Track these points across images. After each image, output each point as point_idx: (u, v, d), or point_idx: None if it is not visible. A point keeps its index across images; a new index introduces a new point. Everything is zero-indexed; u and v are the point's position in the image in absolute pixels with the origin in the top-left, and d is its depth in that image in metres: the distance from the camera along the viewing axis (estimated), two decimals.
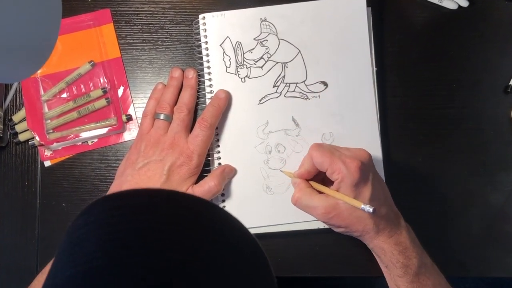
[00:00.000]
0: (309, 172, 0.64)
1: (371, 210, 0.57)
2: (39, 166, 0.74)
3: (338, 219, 0.61)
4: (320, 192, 0.63)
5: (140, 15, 0.75)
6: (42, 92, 0.73)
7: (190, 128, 0.69)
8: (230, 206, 0.70)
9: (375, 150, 0.70)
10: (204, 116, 0.68)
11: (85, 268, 0.31)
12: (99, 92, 0.73)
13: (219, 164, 0.71)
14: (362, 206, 0.58)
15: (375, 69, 0.71)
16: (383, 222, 0.62)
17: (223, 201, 0.70)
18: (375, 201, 0.61)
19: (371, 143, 0.70)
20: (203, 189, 0.66)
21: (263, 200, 0.70)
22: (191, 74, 0.71)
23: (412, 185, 0.73)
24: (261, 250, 0.37)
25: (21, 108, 0.74)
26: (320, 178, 0.65)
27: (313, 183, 0.65)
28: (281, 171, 0.70)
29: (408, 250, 0.63)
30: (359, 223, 0.61)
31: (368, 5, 0.71)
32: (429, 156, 0.74)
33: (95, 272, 0.31)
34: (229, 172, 0.69)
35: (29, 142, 0.74)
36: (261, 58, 0.71)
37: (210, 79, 0.71)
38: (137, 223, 0.33)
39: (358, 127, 0.70)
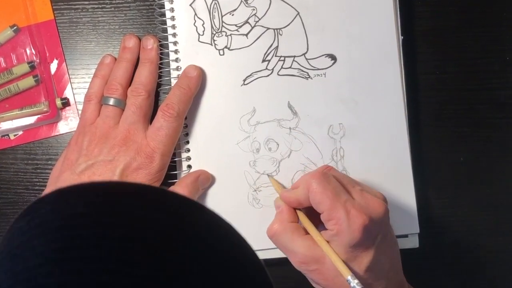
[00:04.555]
0: (299, 202, 0.64)
1: None
2: None
3: (318, 276, 0.61)
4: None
5: None
6: None
7: (150, 118, 0.70)
8: None
9: (402, 147, 0.71)
10: (169, 101, 0.68)
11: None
12: (24, 68, 0.73)
13: (189, 166, 0.71)
14: (349, 278, 0.57)
15: (401, 37, 0.71)
16: None
17: None
18: (372, 272, 0.61)
19: (396, 138, 0.71)
20: None
21: (249, 216, 0.70)
22: (150, 44, 0.71)
23: (451, 194, 0.74)
24: (266, 274, 0.37)
25: None
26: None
27: (301, 215, 0.65)
28: (268, 176, 0.71)
29: None
30: None
31: None
32: (473, 155, 0.75)
33: None
34: (205, 181, 0.70)
35: None
36: (246, 22, 0.71)
37: (176, 51, 0.71)
38: (100, 228, 0.33)
39: (378, 116, 0.71)
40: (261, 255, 0.68)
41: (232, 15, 0.71)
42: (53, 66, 0.74)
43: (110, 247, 0.32)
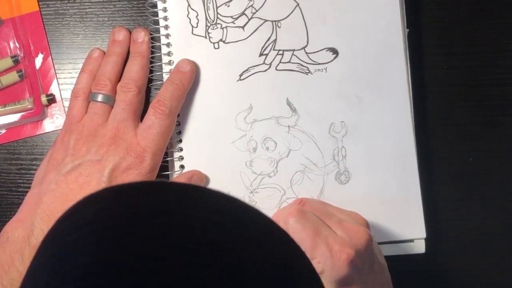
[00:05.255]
0: None
1: None
2: None
3: None
4: None
5: None
6: None
7: (141, 115, 0.70)
8: None
9: (407, 146, 0.71)
10: (161, 98, 0.68)
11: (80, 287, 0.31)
12: (8, 62, 0.73)
13: (181, 166, 0.71)
14: None
15: (406, 30, 0.71)
16: None
17: None
18: None
19: (401, 136, 0.71)
20: None
21: None
22: (141, 36, 0.71)
23: (459, 196, 0.74)
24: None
25: None
26: None
27: None
28: None
29: None
30: None
31: None
32: (484, 155, 0.75)
33: None
34: (198, 182, 0.70)
35: None
36: (243, 14, 0.71)
37: (168, 44, 0.71)
38: (154, 228, 0.33)
39: (382, 113, 0.71)
40: None
41: (228, 6, 0.71)
42: (38, 61, 0.74)
43: (167, 247, 0.32)
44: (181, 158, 0.71)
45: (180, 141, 0.71)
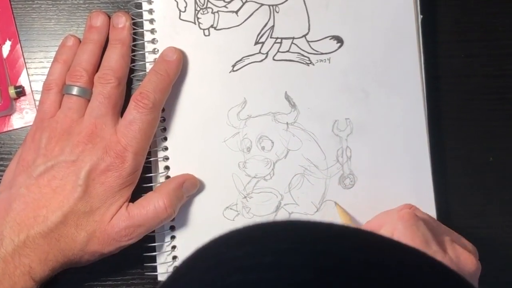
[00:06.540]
0: None
1: None
2: None
3: None
4: None
5: None
6: None
7: (121, 110, 0.69)
8: (184, 240, 0.70)
9: (419, 146, 0.70)
10: (144, 90, 0.67)
11: None
12: None
13: (166, 168, 0.71)
14: None
15: (420, 16, 0.71)
16: None
17: (172, 228, 0.70)
18: None
19: (413, 135, 0.70)
20: (146, 212, 0.66)
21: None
22: (122, 22, 0.70)
23: (478, 200, 0.73)
24: None
25: None
26: None
27: None
28: (336, 204, 0.70)
29: None
30: None
31: None
32: (506, 154, 0.74)
33: None
34: (191, 188, 0.70)
35: None
36: None
37: (153, 31, 0.71)
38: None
39: (392, 109, 0.70)
40: None
41: None
42: (6, 49, 0.74)
43: None
44: (166, 158, 0.71)
45: (165, 139, 0.71)
